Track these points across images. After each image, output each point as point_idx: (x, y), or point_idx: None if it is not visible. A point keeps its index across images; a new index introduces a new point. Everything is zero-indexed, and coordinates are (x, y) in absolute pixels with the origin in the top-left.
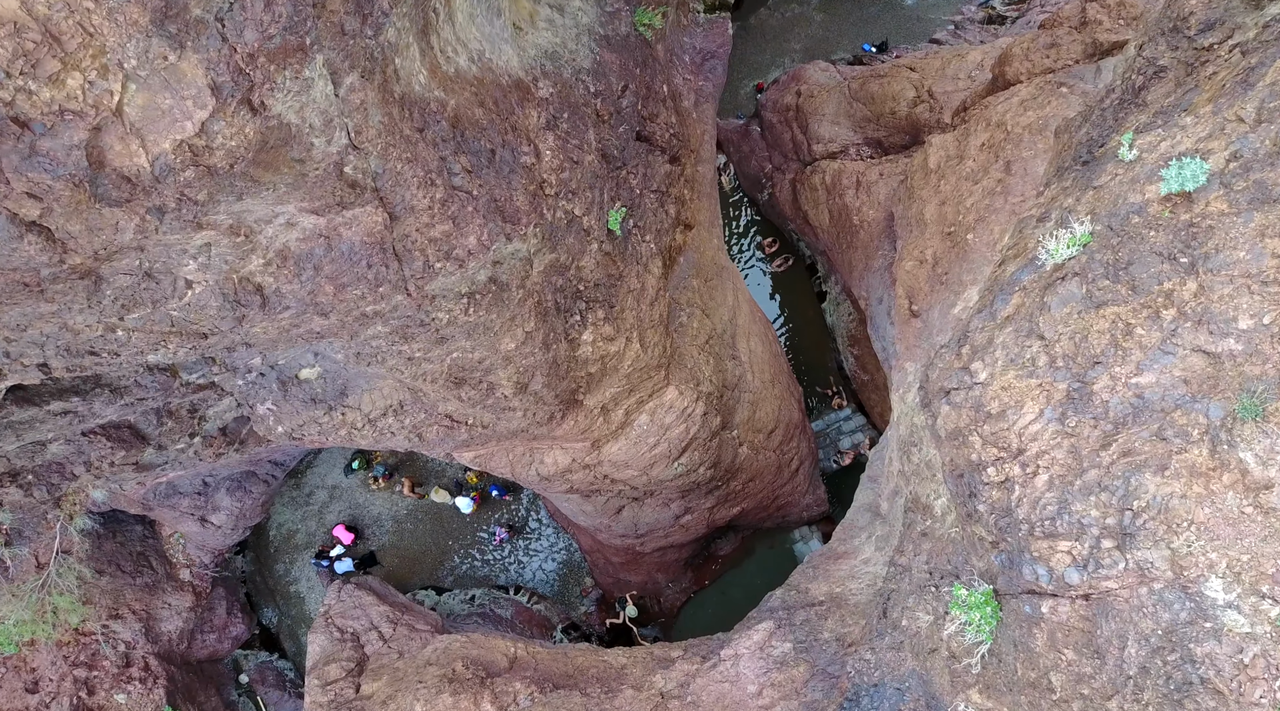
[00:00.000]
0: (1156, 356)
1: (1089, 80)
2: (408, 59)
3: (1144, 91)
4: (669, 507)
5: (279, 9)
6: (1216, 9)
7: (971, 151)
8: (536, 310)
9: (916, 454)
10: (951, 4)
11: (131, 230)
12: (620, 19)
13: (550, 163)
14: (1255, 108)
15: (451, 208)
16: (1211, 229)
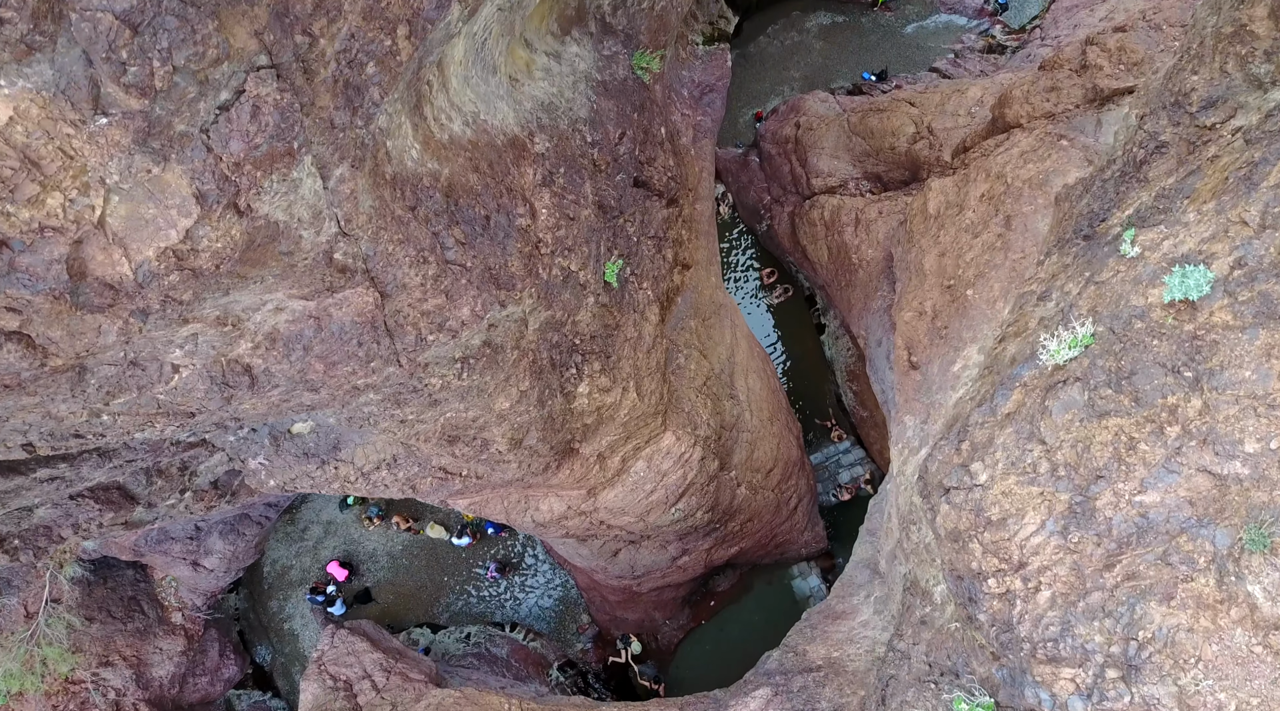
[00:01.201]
0: (1160, 475)
1: (1089, 133)
2: (400, 137)
3: (1145, 166)
4: (666, 549)
5: (265, 119)
6: (1218, 86)
7: (971, 201)
8: (531, 369)
9: (915, 533)
10: (951, 33)
11: (115, 332)
12: (618, 62)
13: (546, 221)
14: (1259, 211)
15: (444, 282)
16: (1216, 344)
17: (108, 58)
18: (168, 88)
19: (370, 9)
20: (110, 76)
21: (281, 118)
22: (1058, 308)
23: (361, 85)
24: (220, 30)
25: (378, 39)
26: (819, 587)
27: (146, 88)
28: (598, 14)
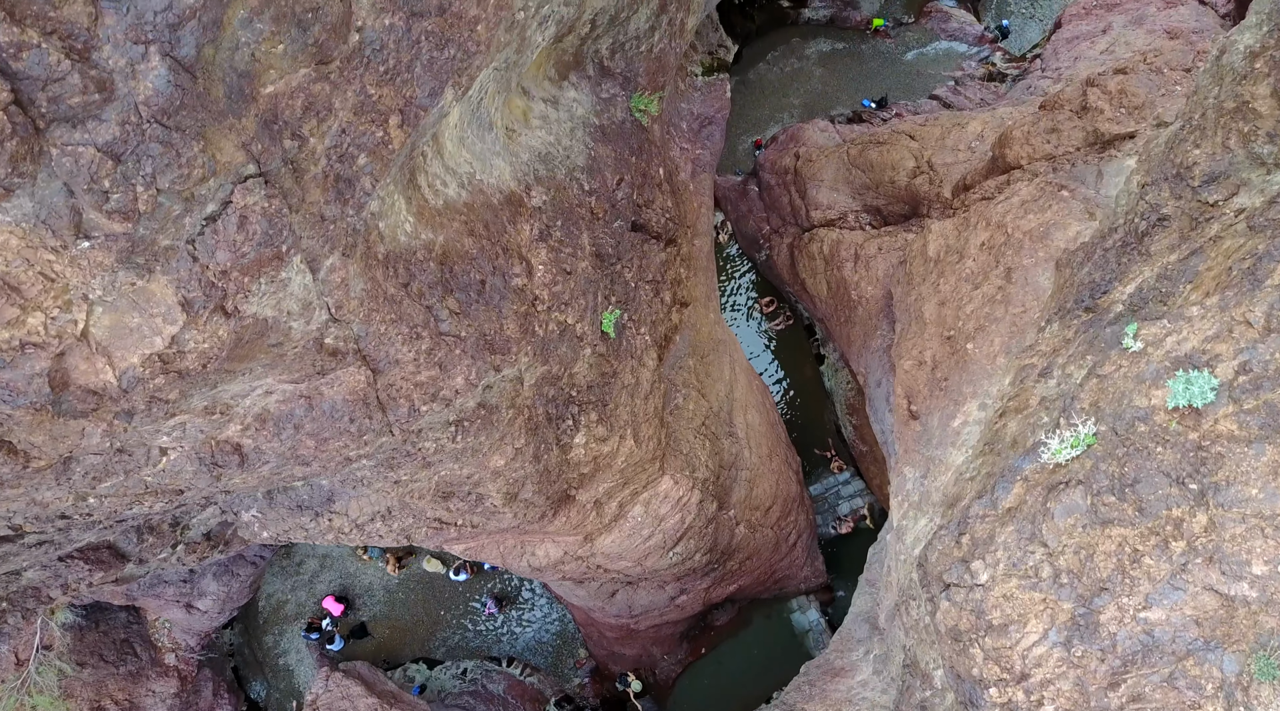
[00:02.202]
0: (1166, 591)
1: (1090, 184)
2: (393, 214)
3: (1147, 238)
4: (664, 590)
5: (253, 228)
6: (1220, 162)
7: (971, 249)
8: (526, 426)
9: (914, 610)
10: (951, 60)
11: (99, 434)
12: (616, 105)
13: (542, 278)
14: (1264, 312)
15: (438, 354)
16: (1221, 457)
17: (90, 188)
18: (152, 209)
19: (362, 104)
20: (92, 205)
21: (269, 224)
22: (1058, 390)
23: (353, 177)
24: (206, 149)
25: (369, 131)
26: (818, 621)
27: (130, 212)
28: (595, 58)
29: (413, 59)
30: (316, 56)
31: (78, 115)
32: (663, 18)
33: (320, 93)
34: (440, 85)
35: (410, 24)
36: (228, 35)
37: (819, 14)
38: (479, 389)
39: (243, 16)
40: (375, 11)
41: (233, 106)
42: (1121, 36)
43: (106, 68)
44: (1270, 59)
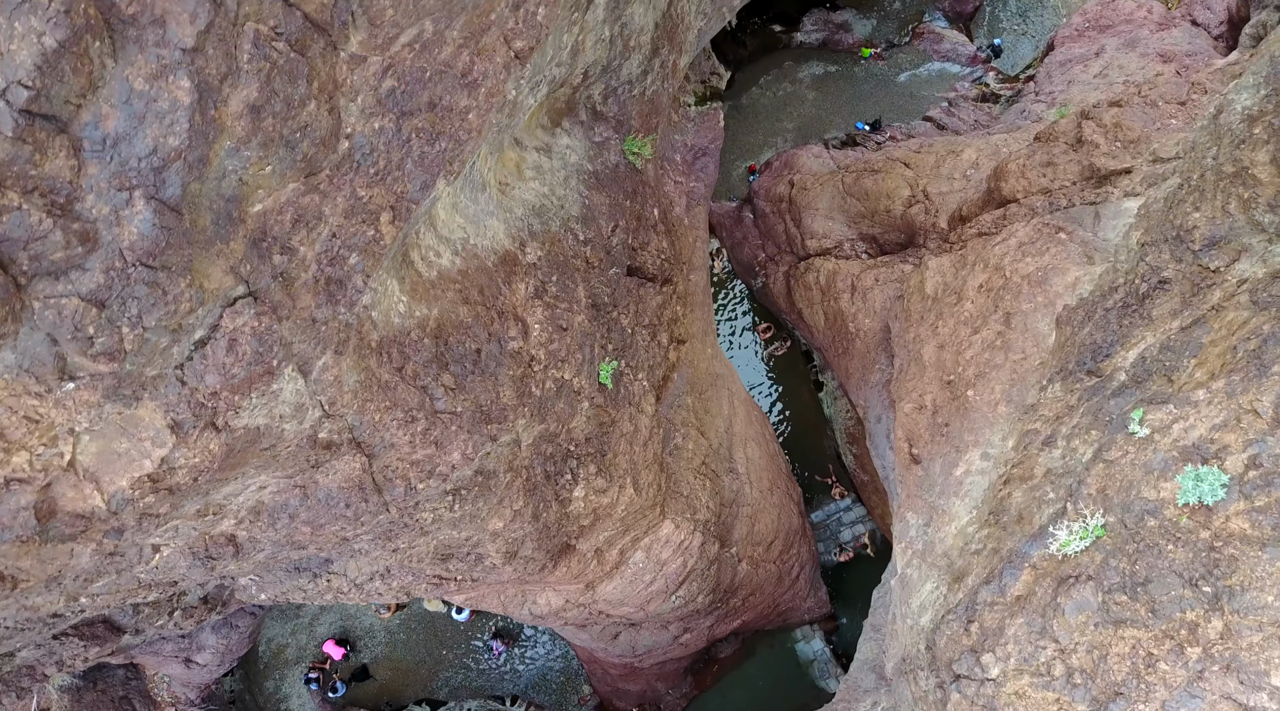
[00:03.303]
0: (1183, 699)
1: (1087, 227)
2: (386, 299)
3: (1148, 301)
4: (667, 630)
5: (243, 349)
6: (1221, 226)
7: (970, 291)
8: (525, 487)
9: (923, 681)
10: (944, 81)
11: (89, 554)
12: (609, 148)
13: (538, 337)
14: (1272, 403)
15: (434, 433)
16: (1235, 559)
17: (74, 336)
18: (138, 347)
19: (352, 207)
20: (77, 351)
21: (259, 342)
22: (1064, 463)
23: (344, 278)
24: (193, 282)
25: (360, 231)
26: (822, 651)
27: (116, 352)
28: (588, 103)
29: (403, 157)
30: (305, 170)
31: (60, 268)
32: (655, 61)
33: (309, 204)
34: (432, 178)
35: (400, 124)
36: (214, 168)
37: (811, 38)
38: (476, 460)
39: (229, 147)
40: (364, 117)
41: (220, 232)
42: (1115, 60)
43: (89, 217)
44: (1269, 125)
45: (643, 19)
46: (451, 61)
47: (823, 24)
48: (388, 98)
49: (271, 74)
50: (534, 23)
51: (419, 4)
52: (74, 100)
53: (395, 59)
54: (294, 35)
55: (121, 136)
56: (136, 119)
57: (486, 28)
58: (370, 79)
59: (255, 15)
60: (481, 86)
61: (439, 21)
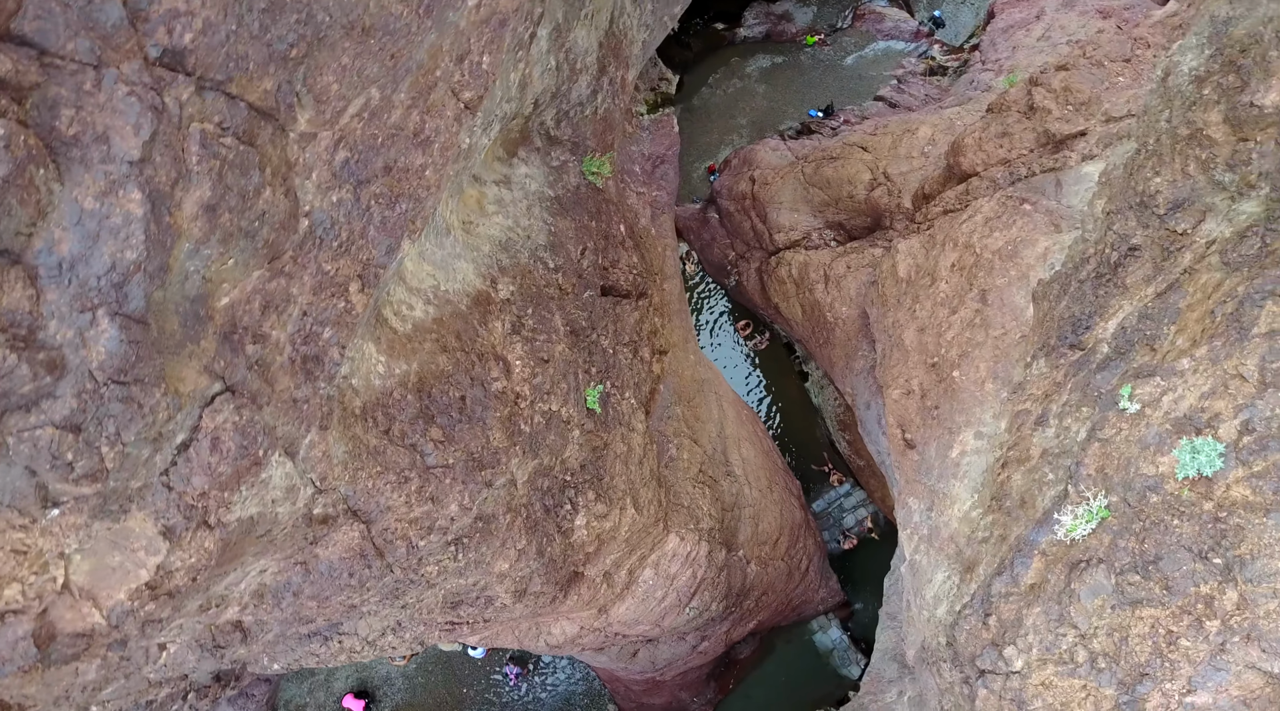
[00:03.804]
0: (1208, 673)
1: (1050, 195)
2: (364, 364)
3: (1121, 269)
4: (685, 641)
5: (226, 445)
6: (1182, 188)
7: (942, 271)
8: (526, 525)
9: (947, 673)
10: (891, 59)
11: (94, 670)
12: (568, 171)
13: (521, 373)
14: (1257, 366)
15: (429, 489)
16: (1241, 529)
17: (53, 465)
18: (120, 464)
19: (320, 283)
20: (58, 478)
21: (242, 436)
22: (1059, 442)
23: (320, 353)
24: (168, 390)
25: (330, 305)
26: (840, 639)
27: (98, 473)
28: (542, 130)
29: (365, 225)
30: (268, 256)
31: (30, 400)
32: (603, 79)
33: (276, 288)
34: (397, 241)
35: (358, 193)
36: (175, 272)
37: (754, 31)
38: (474, 508)
39: (188, 249)
40: (321, 192)
41: (189, 333)
42: (1056, 21)
43: (54, 344)
44: (1217, 85)
45: (586, 41)
46: (402, 123)
47: (764, 17)
48: (343, 169)
49: (223, 170)
50: (480, 72)
51: (363, 74)
52: (24, 231)
53: (346, 130)
54: (240, 127)
55: (78, 258)
56: (91, 238)
57: (433, 85)
58: (323, 154)
59: (199, 115)
60: (435, 142)
61: (385, 87)
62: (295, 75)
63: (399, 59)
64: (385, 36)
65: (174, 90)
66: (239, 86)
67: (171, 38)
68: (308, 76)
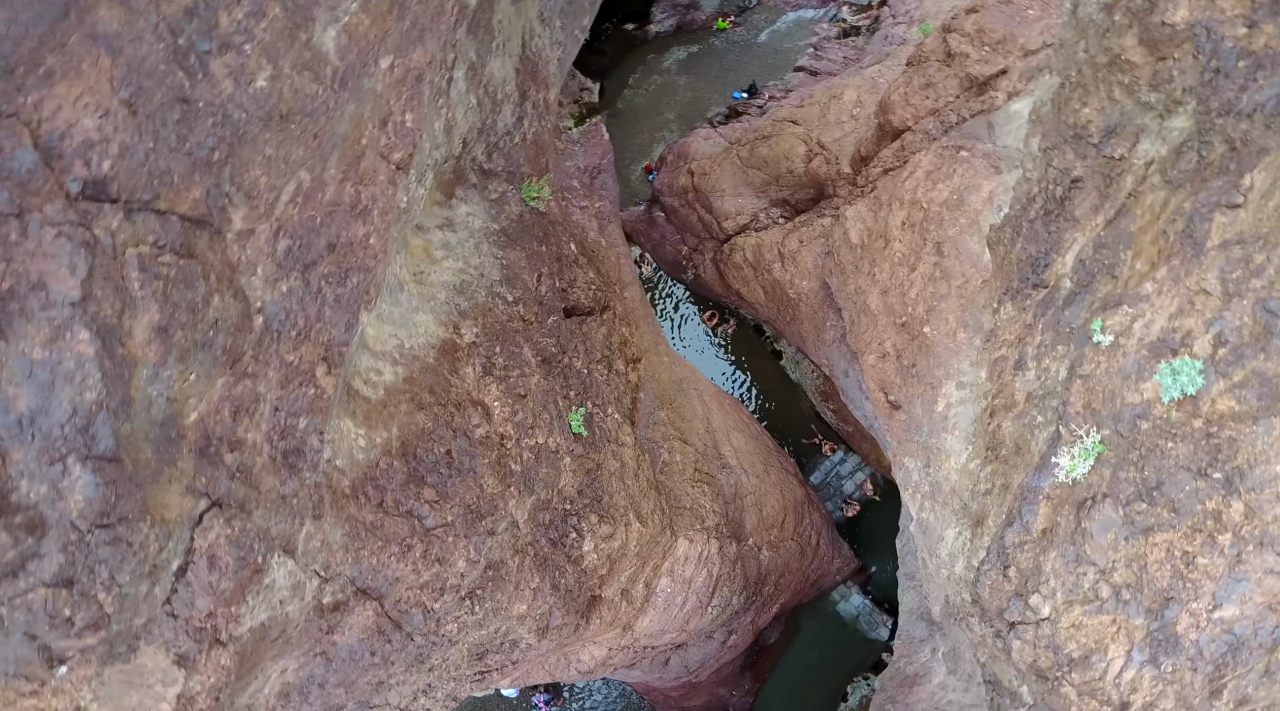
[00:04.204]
0: (1230, 586)
1: (984, 138)
2: (344, 442)
3: (1068, 202)
4: (713, 639)
5: (224, 561)
6: (1111, 114)
7: (894, 231)
8: (535, 563)
9: (977, 627)
10: (804, 28)
11: None
12: (509, 201)
13: (501, 413)
14: (1218, 278)
15: (434, 551)
16: (1234, 441)
17: (51, 624)
18: (119, 607)
19: (286, 376)
20: (59, 636)
21: (238, 547)
22: (1041, 384)
23: (299, 445)
24: (154, 521)
25: (300, 394)
26: (863, 603)
27: (99, 621)
28: (474, 166)
29: (320, 307)
30: (229, 362)
31: (16, 565)
32: (526, 104)
33: (243, 391)
34: (355, 316)
35: (307, 277)
36: (139, 402)
37: (665, 26)
38: (481, 559)
39: (148, 375)
40: (270, 285)
41: (164, 457)
42: None
43: (29, 503)
44: (1126, 10)
45: (503, 71)
46: (337, 198)
47: (672, 9)
48: (287, 258)
49: (167, 289)
50: (405, 131)
51: (289, 160)
52: None
53: (283, 219)
54: (177, 242)
55: (37, 410)
56: (46, 388)
57: (360, 154)
58: (264, 247)
59: (133, 239)
60: (374, 210)
61: (313, 168)
62: (222, 177)
63: (322, 137)
64: (305, 118)
65: (103, 220)
66: (167, 201)
67: (90, 169)
68: (234, 175)
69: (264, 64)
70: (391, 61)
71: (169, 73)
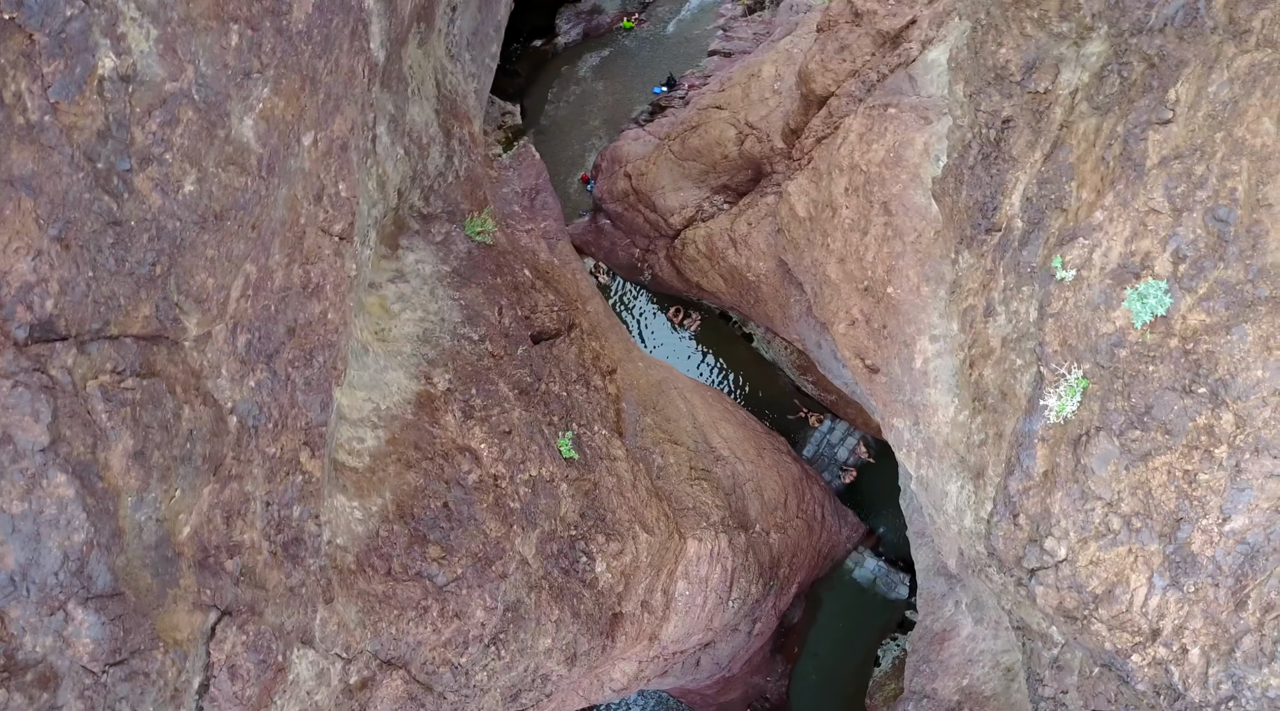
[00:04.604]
0: (1234, 496)
1: (908, 91)
2: (341, 517)
3: (1002, 144)
4: (739, 631)
5: (244, 668)
6: (1028, 50)
7: (839, 199)
8: (552, 595)
9: (996, 576)
10: (708, 13)
11: None
12: (454, 240)
13: (489, 454)
14: (1163, 195)
15: (451, 607)
16: (1212, 354)
17: None
18: None
19: (271, 469)
20: None
21: (256, 653)
22: (1014, 328)
23: (297, 534)
24: (167, 647)
25: (288, 483)
26: (877, 566)
27: None
28: (413, 212)
29: (291, 393)
30: (211, 469)
31: None
32: (453, 142)
33: (231, 494)
34: (328, 395)
35: (273, 366)
36: (129, 532)
37: (571, 35)
38: (499, 604)
39: (133, 503)
40: (237, 383)
41: (165, 579)
42: None
43: (37, 657)
44: None
45: (423, 115)
46: (288, 283)
47: (575, 18)
48: (249, 352)
49: (136, 413)
50: (341, 201)
51: (232, 256)
52: None
53: (237, 315)
54: (136, 364)
55: (27, 564)
56: (32, 540)
57: (302, 234)
58: (224, 347)
59: (92, 372)
60: (325, 285)
61: (257, 258)
62: (168, 289)
63: (261, 226)
64: (239, 212)
65: (57, 360)
66: (118, 325)
67: (34, 311)
68: (180, 284)
69: (188, 168)
70: (314, 137)
71: (94, 199)
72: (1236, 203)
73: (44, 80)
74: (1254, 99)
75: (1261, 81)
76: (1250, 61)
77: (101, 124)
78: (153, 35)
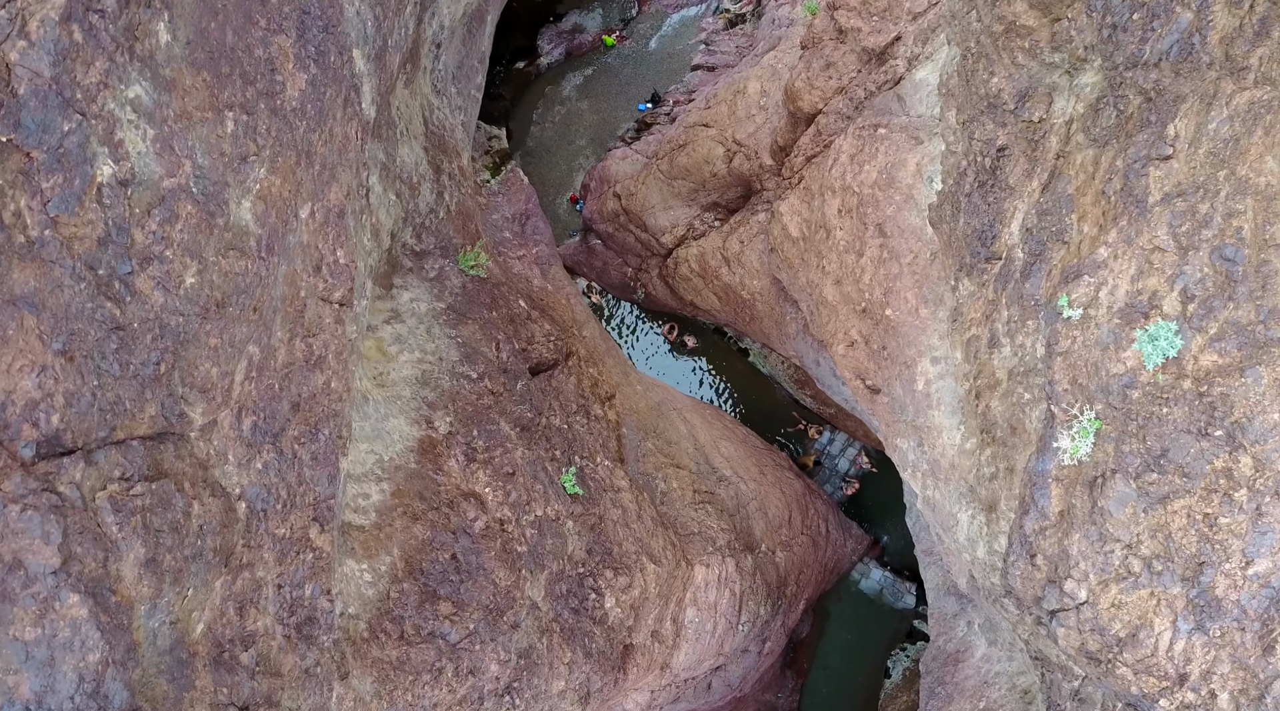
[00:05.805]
0: (1257, 540)
1: (898, 112)
2: (351, 584)
3: (999, 172)
4: (749, 652)
5: None
6: (1020, 79)
7: (833, 221)
8: (564, 637)
9: (1012, 608)
10: (690, 27)
11: None
12: (448, 275)
13: (494, 498)
14: (1168, 233)
15: (465, 665)
16: (1226, 396)
17: None
18: None
19: (281, 551)
20: None
21: None
22: (1020, 361)
23: (311, 613)
24: None
25: (299, 562)
26: (883, 577)
27: None
28: (406, 251)
29: (299, 471)
30: (221, 561)
31: None
32: (442, 177)
33: (243, 584)
34: (335, 467)
35: (279, 445)
36: (144, 642)
37: (554, 56)
38: (512, 655)
39: (145, 611)
40: (244, 468)
41: (182, 683)
42: None
43: None
44: None
45: (413, 155)
46: (290, 359)
47: (557, 38)
48: (254, 434)
49: (146, 519)
50: (340, 268)
51: (235, 342)
52: None
53: (242, 399)
54: (144, 468)
55: (43, 691)
56: (46, 666)
57: (302, 307)
58: (230, 433)
59: (100, 483)
60: (328, 355)
61: (260, 340)
62: (173, 384)
63: (262, 307)
64: (241, 296)
65: (65, 475)
66: (125, 429)
67: (39, 428)
68: (184, 377)
69: (188, 262)
70: (311, 208)
71: (97, 307)
72: (1243, 242)
73: (43, 196)
74: (1255, 137)
75: (1262, 119)
76: (1250, 99)
77: (101, 231)
78: (149, 136)
